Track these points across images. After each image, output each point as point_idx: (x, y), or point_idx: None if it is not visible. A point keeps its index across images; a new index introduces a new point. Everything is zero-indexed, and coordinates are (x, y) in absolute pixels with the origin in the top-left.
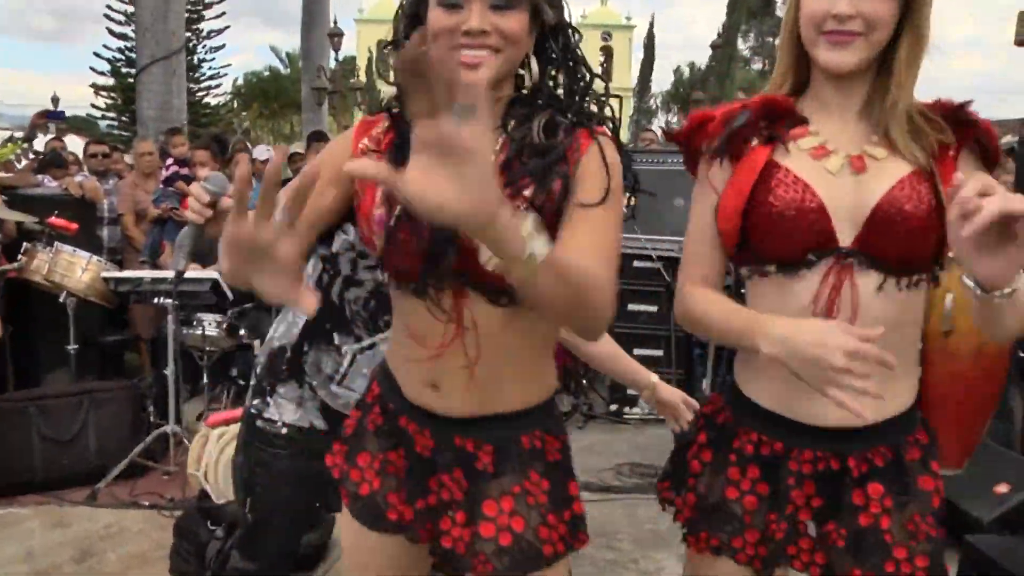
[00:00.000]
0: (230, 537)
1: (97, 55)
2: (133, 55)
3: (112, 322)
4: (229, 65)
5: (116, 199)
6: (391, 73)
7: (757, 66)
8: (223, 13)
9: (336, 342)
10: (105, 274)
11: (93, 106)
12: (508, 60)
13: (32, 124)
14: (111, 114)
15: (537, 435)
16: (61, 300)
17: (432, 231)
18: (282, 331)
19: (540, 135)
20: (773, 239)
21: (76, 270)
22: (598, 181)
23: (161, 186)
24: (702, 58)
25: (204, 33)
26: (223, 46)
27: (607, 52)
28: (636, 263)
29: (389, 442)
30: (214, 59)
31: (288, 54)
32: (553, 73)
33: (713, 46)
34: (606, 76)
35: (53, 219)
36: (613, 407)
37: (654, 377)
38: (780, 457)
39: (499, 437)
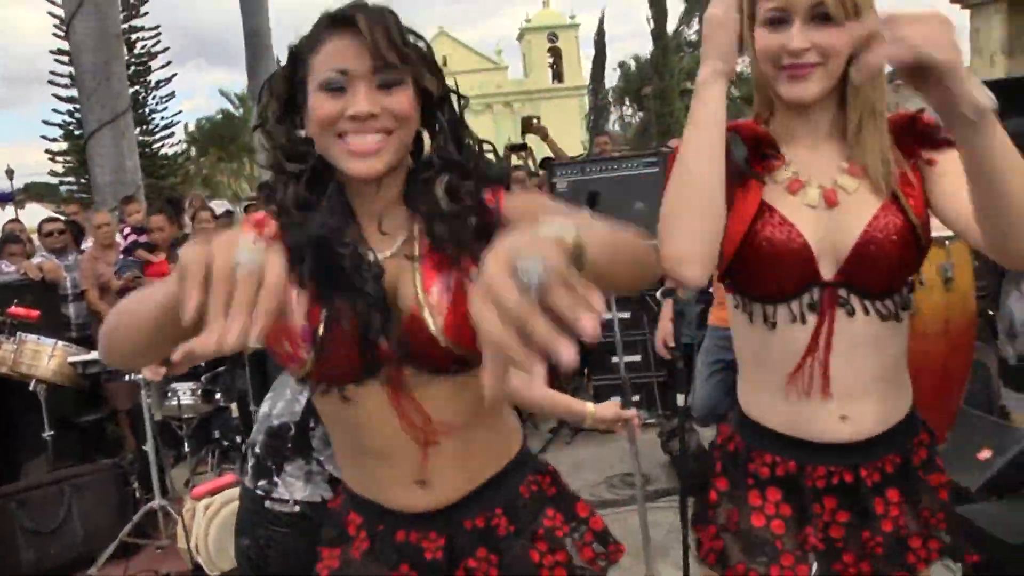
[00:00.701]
0: None
1: (46, 122)
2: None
3: (87, 401)
4: (180, 112)
5: (77, 274)
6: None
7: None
8: (169, 62)
9: None
10: (72, 358)
11: (51, 172)
12: (401, 141)
13: None
14: (70, 178)
15: (530, 479)
16: (31, 388)
17: (363, 324)
18: (281, 408)
19: (446, 202)
20: (761, 275)
21: (43, 358)
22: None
23: (121, 256)
24: (649, 48)
25: (152, 84)
26: (172, 94)
27: (555, 53)
28: None
29: (390, 562)
30: (165, 108)
31: (238, 95)
32: (442, 144)
33: (653, 35)
34: (557, 77)
35: (13, 309)
36: None
37: (589, 406)
38: (795, 476)
39: (503, 499)
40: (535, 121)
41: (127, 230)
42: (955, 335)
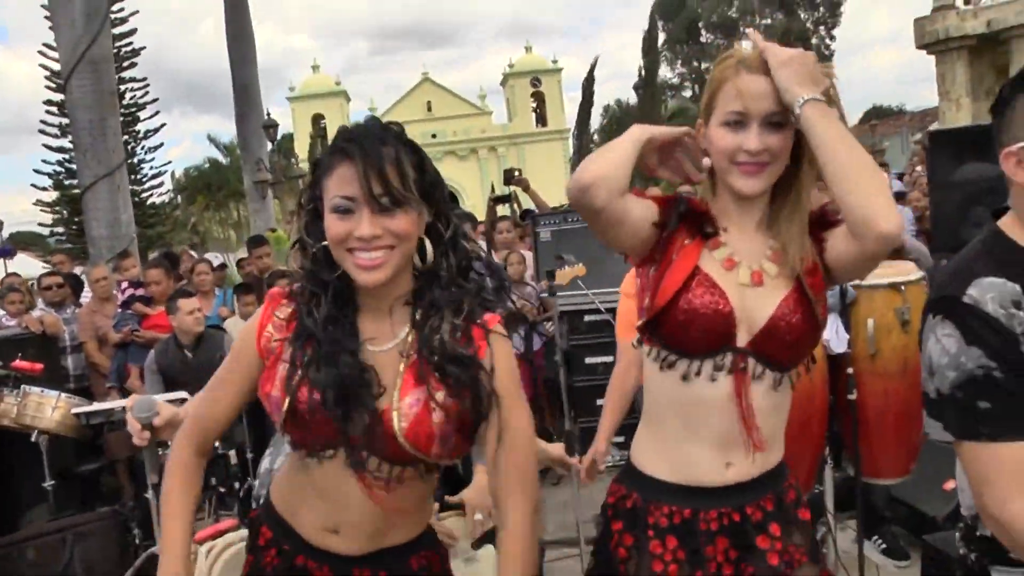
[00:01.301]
0: None
1: (37, 171)
2: (73, 167)
3: (87, 451)
4: (170, 162)
5: (76, 327)
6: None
7: (687, 92)
8: (157, 112)
9: None
10: (76, 410)
11: (40, 224)
12: (403, 254)
13: None
14: (59, 228)
15: (423, 555)
16: (33, 439)
17: (339, 417)
18: (281, 461)
19: (449, 341)
20: (684, 331)
21: (46, 410)
22: (515, 396)
23: (119, 310)
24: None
25: (141, 134)
26: (161, 144)
27: (539, 98)
28: (587, 318)
29: None
30: (154, 158)
31: (226, 145)
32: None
33: (635, 87)
34: (540, 121)
35: (17, 363)
36: None
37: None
38: (690, 521)
39: (393, 565)
40: (517, 173)
41: (124, 284)
42: (913, 374)
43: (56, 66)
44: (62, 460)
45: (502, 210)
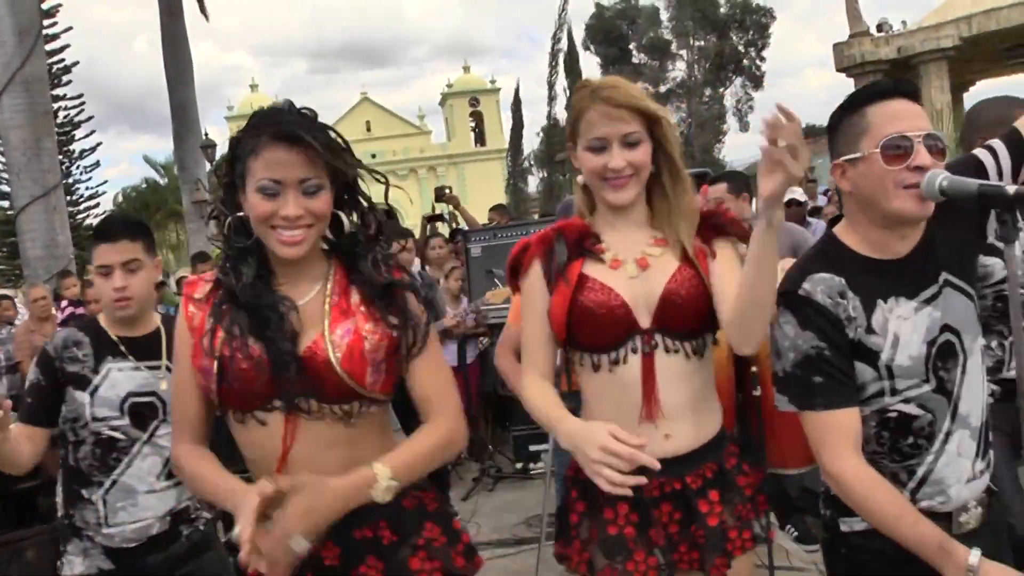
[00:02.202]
0: None
1: None
2: (3, 188)
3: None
4: (107, 182)
5: (11, 347)
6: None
7: None
8: (93, 131)
9: (85, 496)
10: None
11: None
12: (319, 231)
13: None
14: None
15: (412, 494)
16: None
17: (269, 361)
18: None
19: (379, 270)
20: (593, 332)
21: None
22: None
23: (60, 328)
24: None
25: (76, 154)
26: (97, 164)
27: (477, 117)
28: None
29: (296, 572)
30: (90, 178)
31: (163, 165)
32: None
33: (566, 107)
34: (480, 140)
35: None
36: (519, 465)
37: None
38: (637, 490)
39: (387, 511)
40: (447, 191)
41: (64, 303)
42: (724, 393)
43: None
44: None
45: (441, 227)
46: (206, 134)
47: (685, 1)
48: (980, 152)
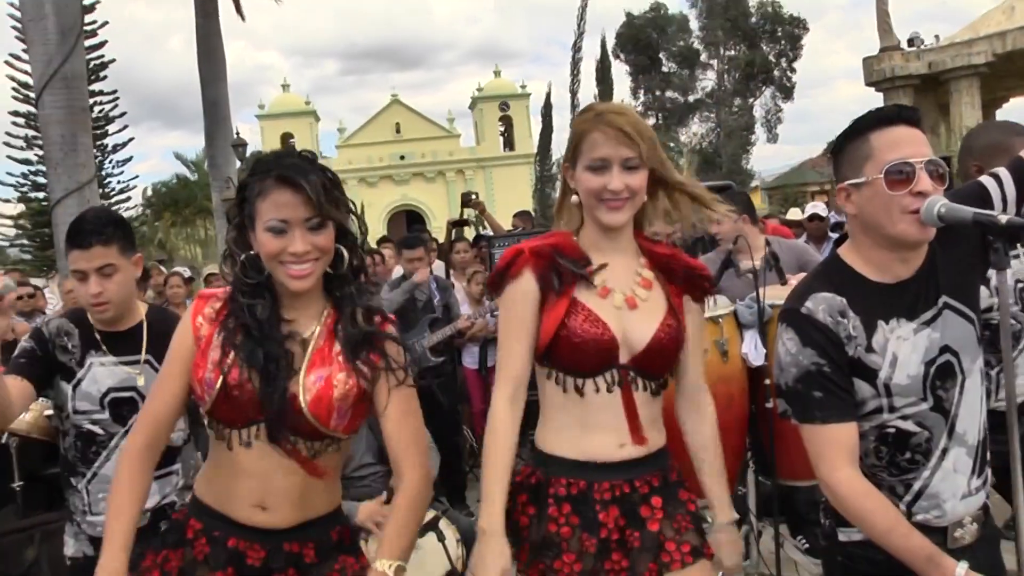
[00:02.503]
0: None
1: (2, 183)
2: (39, 179)
3: (54, 454)
4: (137, 177)
5: None
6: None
7: (651, 120)
8: (126, 126)
9: (73, 483)
10: (48, 412)
11: (2, 235)
12: (324, 264)
13: None
14: (22, 241)
15: (337, 529)
16: (3, 441)
17: (262, 391)
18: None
19: (363, 325)
20: (574, 358)
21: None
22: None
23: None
24: None
25: (109, 148)
26: (130, 158)
27: (507, 122)
28: None
29: (219, 564)
30: (122, 172)
31: (194, 161)
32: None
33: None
34: (508, 145)
35: None
36: None
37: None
38: (585, 492)
39: (318, 536)
40: (474, 196)
41: None
42: (736, 405)
43: (24, 78)
44: (30, 463)
45: (468, 232)
46: (237, 133)
47: (716, 10)
48: (986, 179)
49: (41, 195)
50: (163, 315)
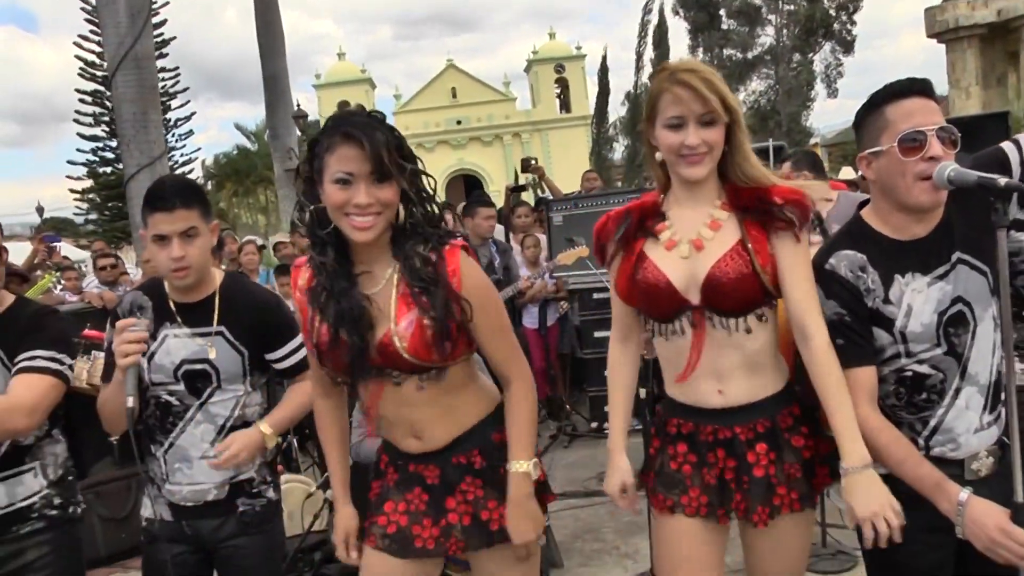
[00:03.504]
0: None
1: (71, 162)
2: (108, 155)
3: None
4: (200, 149)
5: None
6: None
7: None
8: (188, 101)
9: (152, 451)
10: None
11: (77, 207)
12: (387, 218)
13: (35, 251)
14: (92, 215)
15: (496, 433)
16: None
17: (350, 349)
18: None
19: (423, 268)
20: (649, 307)
21: None
22: (486, 304)
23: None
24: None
25: (172, 122)
26: (191, 132)
27: (562, 84)
28: (595, 295)
29: (407, 486)
30: (184, 145)
31: (253, 132)
32: (413, 209)
33: (650, 76)
34: (564, 107)
35: (87, 332)
36: (594, 424)
37: None
38: (693, 433)
39: (479, 444)
40: (533, 161)
41: None
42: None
43: (91, 57)
44: None
45: (527, 196)
46: (298, 104)
47: None
48: (1007, 145)
49: (108, 169)
50: (238, 284)
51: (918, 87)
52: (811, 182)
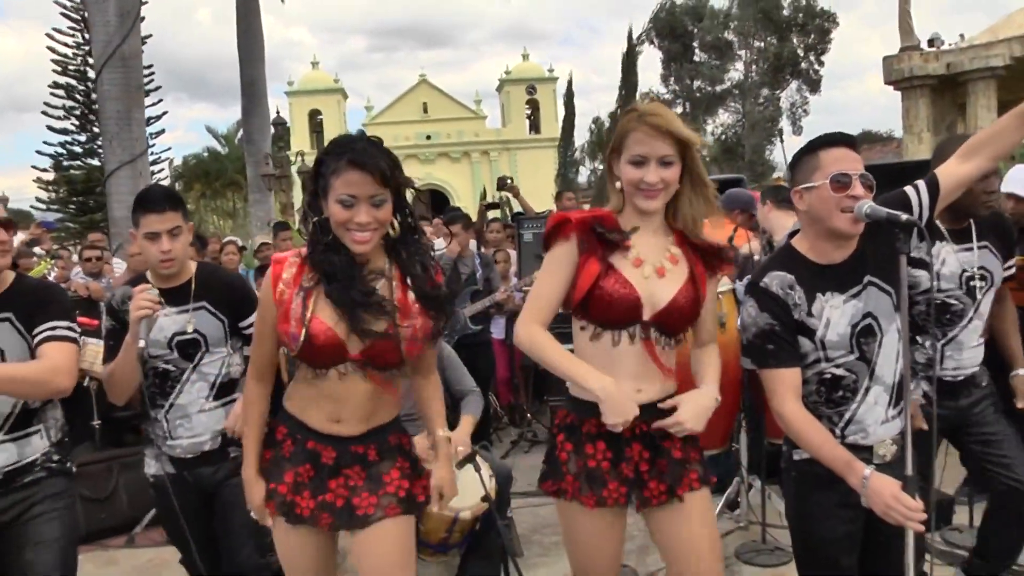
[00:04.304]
0: None
1: (40, 153)
2: (76, 149)
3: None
4: (170, 148)
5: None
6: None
7: (678, 109)
8: (161, 100)
9: (153, 415)
10: None
11: (38, 199)
12: (381, 233)
13: (32, 235)
14: (55, 207)
15: (396, 435)
16: (84, 384)
17: (354, 327)
18: None
19: (423, 277)
20: (605, 313)
21: (100, 358)
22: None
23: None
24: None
25: (145, 120)
26: (163, 131)
27: (533, 105)
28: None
29: (299, 460)
30: (154, 144)
31: (224, 135)
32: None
33: (611, 116)
34: (534, 128)
35: (79, 318)
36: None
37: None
38: (614, 432)
39: (378, 441)
40: (509, 180)
41: None
42: (731, 370)
43: (64, 50)
44: (105, 405)
45: (493, 213)
46: (278, 112)
47: (749, 0)
48: (909, 188)
49: (76, 163)
50: (208, 268)
51: (847, 140)
52: (773, 213)
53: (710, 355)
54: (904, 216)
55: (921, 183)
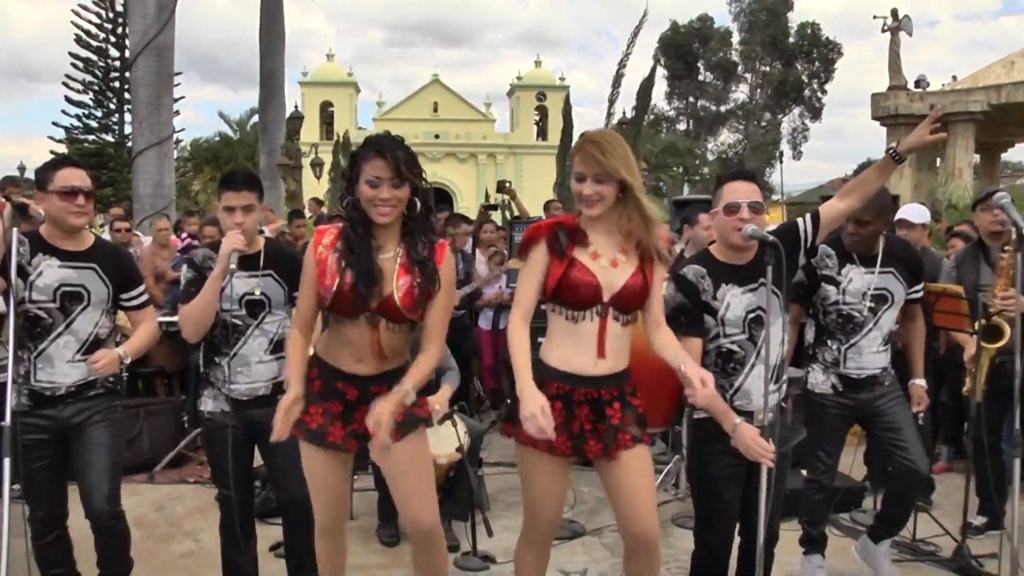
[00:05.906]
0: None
1: (56, 124)
2: (92, 123)
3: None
4: (183, 130)
5: (139, 265)
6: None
7: (682, 126)
8: (178, 84)
9: (217, 361)
10: (159, 319)
11: None
12: (401, 209)
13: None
14: None
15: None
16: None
17: (360, 291)
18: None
19: (423, 254)
20: (572, 296)
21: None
22: (447, 286)
23: (179, 254)
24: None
25: None
26: (177, 113)
27: (542, 111)
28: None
29: (329, 397)
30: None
31: (236, 121)
32: (418, 205)
33: (621, 123)
34: (542, 134)
35: None
36: None
37: None
38: (568, 394)
39: (391, 381)
40: (508, 184)
41: (184, 235)
42: None
43: (87, 26)
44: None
45: (495, 215)
46: (296, 106)
47: (757, 24)
48: (799, 219)
49: (91, 138)
50: (276, 245)
51: (746, 175)
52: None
53: (672, 338)
54: (770, 237)
55: (808, 215)
